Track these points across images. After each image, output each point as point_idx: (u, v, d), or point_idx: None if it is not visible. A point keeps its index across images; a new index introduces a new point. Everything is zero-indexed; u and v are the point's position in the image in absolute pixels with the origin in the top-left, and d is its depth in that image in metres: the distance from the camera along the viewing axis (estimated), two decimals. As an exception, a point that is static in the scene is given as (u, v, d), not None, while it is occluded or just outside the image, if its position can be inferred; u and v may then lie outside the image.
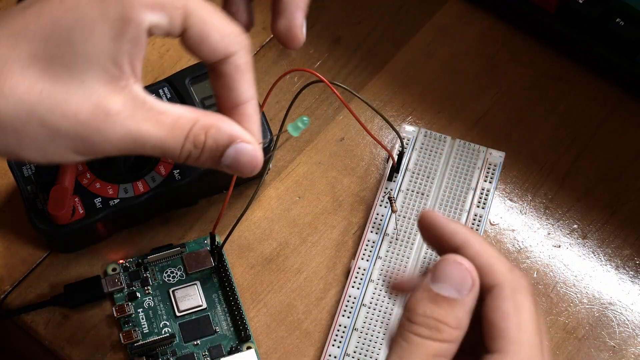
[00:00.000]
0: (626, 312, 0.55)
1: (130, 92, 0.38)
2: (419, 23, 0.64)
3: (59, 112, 0.37)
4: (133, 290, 0.54)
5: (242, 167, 0.41)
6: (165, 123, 0.39)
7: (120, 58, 0.38)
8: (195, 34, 0.39)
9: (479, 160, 0.58)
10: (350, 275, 0.54)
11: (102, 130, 0.38)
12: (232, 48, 0.40)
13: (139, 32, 0.38)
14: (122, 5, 0.37)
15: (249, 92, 0.42)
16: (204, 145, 0.40)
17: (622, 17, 0.59)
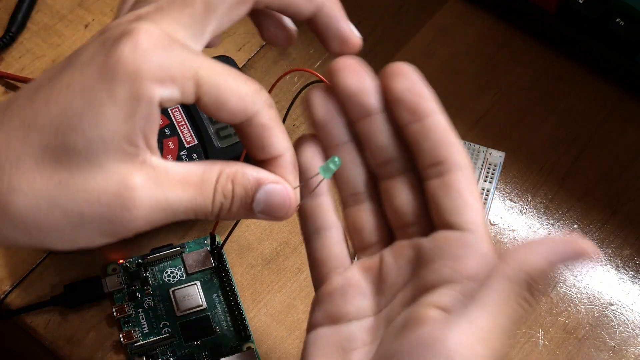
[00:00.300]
0: (626, 312, 0.55)
1: (150, 164, 0.37)
2: (419, 23, 0.64)
3: (80, 199, 0.36)
4: (133, 290, 0.54)
5: (275, 209, 0.40)
6: (191, 183, 0.38)
7: (135, 136, 0.37)
8: (211, 101, 0.38)
9: (479, 160, 0.58)
10: (350, 275, 0.54)
11: (129, 208, 0.37)
12: (252, 109, 0.39)
13: (151, 108, 0.37)
14: (131, 83, 0.36)
15: (281, 145, 0.41)
16: (233, 193, 0.39)
17: (622, 17, 0.59)
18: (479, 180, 0.57)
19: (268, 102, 0.40)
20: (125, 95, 0.36)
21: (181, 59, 0.37)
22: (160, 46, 0.37)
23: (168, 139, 0.55)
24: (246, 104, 0.39)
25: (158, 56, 0.36)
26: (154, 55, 0.36)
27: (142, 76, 0.36)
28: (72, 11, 0.65)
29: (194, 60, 0.37)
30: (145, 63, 0.36)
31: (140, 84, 0.36)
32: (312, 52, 0.63)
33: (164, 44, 0.37)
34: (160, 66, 0.36)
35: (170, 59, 0.37)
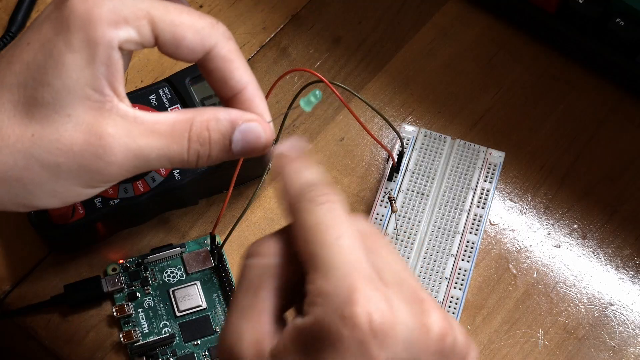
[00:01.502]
0: (626, 312, 0.55)
1: (118, 112, 0.38)
2: (419, 23, 0.64)
3: (54, 149, 0.37)
4: (133, 290, 0.54)
5: (253, 146, 0.40)
6: (162, 131, 0.39)
7: (99, 83, 0.37)
8: (169, 39, 0.39)
9: (479, 160, 0.58)
10: (350, 275, 0.54)
11: (102, 156, 0.38)
12: (210, 42, 0.40)
13: (110, 52, 0.37)
14: (85, 30, 0.37)
15: (243, 78, 0.41)
16: (209, 140, 0.40)
17: (622, 17, 0.59)
18: (479, 180, 0.57)
19: (226, 34, 0.40)
20: (81, 42, 0.37)
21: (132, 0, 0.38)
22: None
23: (168, 139, 0.55)
24: (203, 37, 0.39)
25: (108, 1, 0.37)
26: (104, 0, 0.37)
27: (95, 21, 0.37)
28: (72, 11, 0.65)
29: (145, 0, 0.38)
30: (96, 9, 0.37)
31: (95, 29, 0.37)
32: (312, 52, 0.63)
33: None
34: (111, 10, 0.37)
35: (121, 2, 0.37)
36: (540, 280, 0.55)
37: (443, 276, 0.54)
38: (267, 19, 0.64)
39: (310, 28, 0.64)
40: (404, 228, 0.56)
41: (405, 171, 0.57)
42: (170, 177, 0.54)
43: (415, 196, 0.57)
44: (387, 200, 0.56)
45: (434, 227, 0.56)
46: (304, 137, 0.60)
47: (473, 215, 0.56)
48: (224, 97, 0.41)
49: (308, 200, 0.36)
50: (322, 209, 0.36)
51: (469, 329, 0.54)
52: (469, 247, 0.55)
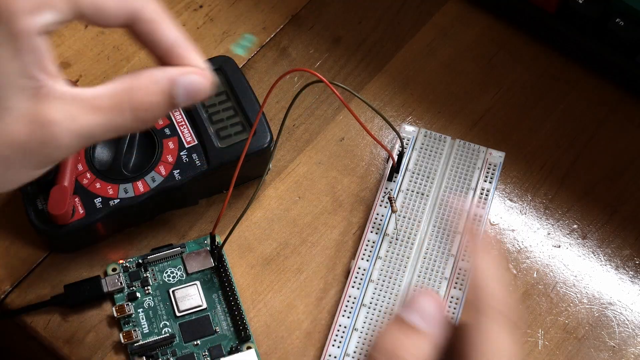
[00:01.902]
0: (626, 312, 0.55)
1: (56, 93, 0.38)
2: (419, 23, 0.64)
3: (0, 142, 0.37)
4: (133, 290, 0.54)
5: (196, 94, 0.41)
6: (103, 106, 0.39)
7: (29, 70, 0.37)
8: (91, 11, 0.38)
9: (479, 160, 0.58)
10: (350, 275, 0.54)
11: (48, 142, 0.38)
12: (133, 6, 0.39)
13: (33, 39, 0.37)
14: (5, 23, 0.36)
15: (171, 35, 0.41)
16: (151, 103, 0.40)
17: (622, 17, 0.59)
18: (478, 180, 0.57)
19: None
20: (4, 36, 0.36)
21: None
22: None
23: (168, 139, 0.55)
24: (125, 3, 0.39)
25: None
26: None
27: (14, 13, 0.36)
28: (72, 11, 0.65)
29: None
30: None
31: (15, 21, 0.36)
32: (312, 52, 0.63)
33: None
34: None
35: None
36: (540, 280, 0.55)
37: (443, 276, 0.54)
38: (267, 19, 0.64)
39: (310, 28, 0.64)
40: (404, 228, 0.56)
41: (405, 171, 0.57)
42: (170, 177, 0.54)
43: (415, 196, 0.57)
44: (387, 200, 0.56)
45: (433, 227, 0.56)
46: (305, 137, 0.60)
47: (473, 216, 0.56)
48: (157, 56, 0.41)
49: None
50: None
51: (469, 329, 0.54)
52: (469, 247, 0.55)
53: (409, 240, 0.55)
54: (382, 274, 0.54)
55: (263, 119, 0.56)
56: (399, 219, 0.56)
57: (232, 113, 0.56)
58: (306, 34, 0.64)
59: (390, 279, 0.54)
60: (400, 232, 0.55)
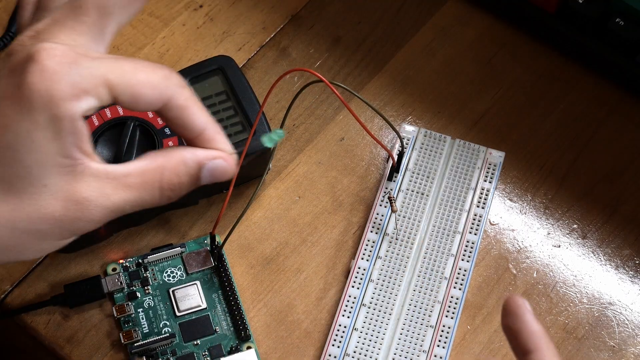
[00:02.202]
0: (626, 312, 0.55)
1: (90, 172, 0.40)
2: (419, 23, 0.64)
3: (35, 218, 0.39)
4: (133, 290, 0.54)
5: (219, 177, 0.43)
6: (134, 184, 0.41)
7: (68, 150, 0.39)
8: (127, 99, 0.40)
9: (478, 160, 0.58)
10: (350, 275, 0.54)
11: (81, 218, 0.40)
12: (166, 94, 0.41)
13: (74, 122, 0.38)
14: (49, 108, 0.38)
15: (201, 120, 0.43)
16: (179, 184, 0.42)
17: (622, 17, 0.59)
18: (478, 180, 0.57)
19: (180, 84, 0.41)
20: (46, 119, 0.38)
21: (88, 70, 0.39)
22: (66, 63, 0.38)
23: (168, 138, 0.55)
24: (160, 92, 0.40)
25: (66, 74, 0.38)
26: (61, 75, 0.38)
27: (56, 98, 0.38)
28: (72, 11, 0.65)
29: (101, 66, 0.39)
30: (55, 85, 0.38)
31: (57, 106, 0.38)
32: (312, 52, 0.63)
33: (68, 60, 0.38)
34: (70, 84, 0.38)
35: (78, 74, 0.38)
36: (540, 280, 0.55)
37: (443, 276, 0.54)
38: (267, 19, 0.64)
39: (310, 28, 0.64)
40: (404, 228, 0.56)
41: (405, 171, 0.57)
42: (170, 177, 0.54)
43: (415, 196, 0.57)
44: (387, 200, 0.56)
45: (433, 227, 0.56)
46: (304, 136, 0.60)
47: (473, 215, 0.56)
48: (186, 138, 0.43)
49: None
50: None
51: (469, 329, 0.54)
52: (468, 247, 0.55)
53: (409, 240, 0.55)
54: (382, 274, 0.54)
55: (263, 119, 0.56)
56: (399, 219, 0.56)
57: (232, 113, 0.56)
58: (306, 34, 0.64)
59: (390, 278, 0.54)
60: (400, 232, 0.55)
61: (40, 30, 0.40)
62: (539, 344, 0.40)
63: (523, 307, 0.41)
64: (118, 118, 0.54)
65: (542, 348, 0.40)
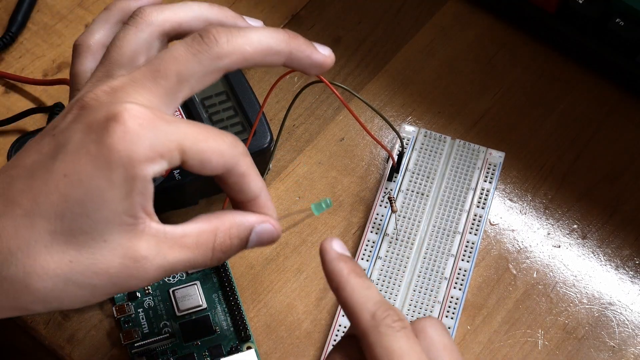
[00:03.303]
0: (626, 312, 0.55)
1: (150, 231, 0.40)
2: (419, 23, 0.64)
3: (91, 273, 0.39)
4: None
5: (266, 243, 0.44)
6: (189, 244, 0.42)
7: (135, 210, 0.39)
8: (196, 164, 0.41)
9: (478, 161, 0.58)
10: (350, 275, 0.54)
11: (135, 276, 0.40)
12: (231, 162, 0.42)
13: (146, 184, 0.39)
14: (125, 168, 0.38)
15: (257, 188, 0.44)
16: (230, 247, 0.43)
17: (622, 17, 0.59)
18: (478, 180, 0.57)
19: (244, 152, 0.43)
20: (121, 179, 0.39)
21: (166, 135, 0.39)
22: (147, 126, 0.39)
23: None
24: (226, 160, 0.42)
25: (146, 138, 0.39)
26: (142, 138, 0.39)
27: (135, 160, 0.38)
28: (72, 11, 0.65)
29: (177, 132, 0.40)
30: (135, 146, 0.38)
31: (134, 168, 0.39)
32: (312, 52, 0.63)
33: (149, 124, 0.39)
34: (149, 147, 0.39)
35: (157, 138, 0.39)
36: (540, 280, 0.55)
37: (443, 276, 0.54)
38: (267, 19, 0.64)
39: (310, 28, 0.64)
40: (404, 228, 0.56)
41: (405, 171, 0.57)
42: (170, 177, 0.54)
43: (415, 196, 0.57)
44: (387, 201, 0.56)
45: (433, 227, 0.56)
46: (305, 137, 0.60)
47: (473, 216, 0.56)
48: (238, 201, 0.44)
49: (387, 325, 0.39)
50: (401, 337, 0.39)
51: (469, 329, 0.54)
52: (468, 247, 0.55)
53: (409, 240, 0.55)
54: (382, 274, 0.54)
55: (263, 119, 0.56)
56: (399, 219, 0.56)
57: (232, 113, 0.56)
58: (306, 34, 0.64)
59: (390, 279, 0.54)
60: (400, 232, 0.55)
61: (117, 88, 0.41)
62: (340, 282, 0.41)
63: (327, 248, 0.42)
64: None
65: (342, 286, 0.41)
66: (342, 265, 0.42)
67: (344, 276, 0.41)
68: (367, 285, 0.41)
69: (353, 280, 0.41)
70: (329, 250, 0.42)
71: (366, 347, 0.39)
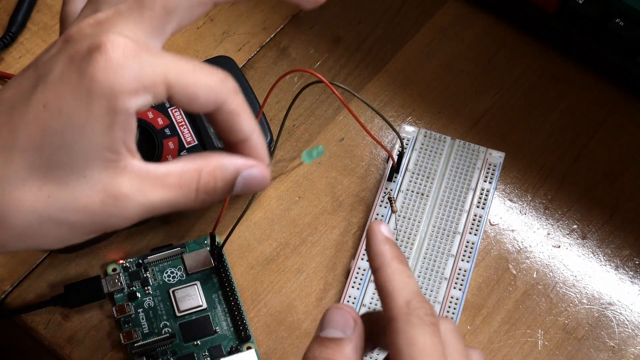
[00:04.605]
0: (626, 312, 0.55)
1: (132, 169, 0.39)
2: (419, 23, 0.64)
3: (69, 209, 0.38)
4: (133, 290, 0.54)
5: (253, 188, 0.43)
6: (172, 184, 0.40)
7: (116, 145, 0.38)
8: (182, 98, 0.40)
9: (478, 161, 0.58)
10: (350, 275, 0.54)
11: (115, 214, 0.39)
12: (220, 98, 0.41)
13: (128, 117, 0.38)
14: (107, 99, 0.37)
15: (248, 128, 0.43)
16: (215, 189, 0.42)
17: (622, 17, 0.59)
18: (478, 180, 0.57)
19: (234, 89, 0.41)
20: (102, 111, 0.37)
21: (150, 66, 0.38)
22: (130, 57, 0.38)
23: (168, 139, 0.55)
24: (215, 95, 0.40)
25: (129, 69, 0.38)
26: (125, 68, 0.38)
27: (117, 91, 0.37)
28: (72, 11, 0.65)
29: (162, 64, 0.39)
30: (118, 78, 0.37)
31: (116, 99, 0.37)
32: (312, 52, 0.63)
33: (133, 55, 0.38)
34: (133, 78, 0.38)
35: (141, 70, 0.38)
36: (539, 280, 0.55)
37: (443, 276, 0.54)
38: (267, 19, 0.64)
39: (310, 28, 0.64)
40: (404, 228, 0.56)
41: (405, 171, 0.57)
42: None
43: (415, 196, 0.57)
44: (387, 201, 0.56)
45: (433, 227, 0.56)
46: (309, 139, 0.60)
47: (473, 216, 0.56)
48: (228, 143, 0.43)
49: (418, 316, 0.38)
50: (428, 332, 0.38)
51: (469, 329, 0.54)
52: (468, 247, 0.55)
53: (409, 240, 0.55)
54: (382, 274, 0.54)
55: (263, 119, 0.56)
56: (399, 219, 0.56)
57: (232, 113, 0.56)
58: (306, 34, 0.64)
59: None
60: (400, 232, 0.55)
61: (102, 21, 0.39)
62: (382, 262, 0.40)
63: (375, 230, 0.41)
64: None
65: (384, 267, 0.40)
66: (387, 248, 0.41)
67: (387, 258, 0.40)
68: (408, 274, 0.40)
69: (395, 265, 0.40)
70: (377, 232, 0.41)
71: (391, 333, 0.38)
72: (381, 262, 0.40)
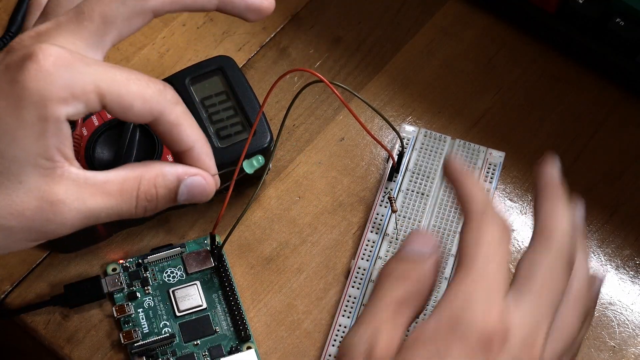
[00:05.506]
0: (626, 312, 0.55)
1: (69, 176, 0.40)
2: (419, 23, 0.64)
3: (6, 213, 0.39)
4: (133, 290, 0.54)
5: (197, 196, 0.44)
6: (112, 191, 0.41)
7: (49, 152, 0.39)
8: (116, 108, 0.40)
9: (479, 160, 0.58)
10: (350, 275, 0.54)
11: (53, 220, 0.40)
12: (157, 109, 0.41)
13: (59, 125, 0.39)
14: (37, 107, 0.38)
15: (190, 139, 0.43)
16: (156, 195, 0.42)
17: (622, 17, 0.59)
18: (479, 180, 0.57)
19: (173, 100, 0.42)
20: (33, 118, 0.38)
21: (82, 75, 0.39)
22: (61, 65, 0.38)
23: (168, 139, 0.55)
24: (151, 106, 0.41)
25: (60, 77, 0.38)
26: (55, 76, 0.38)
27: (47, 99, 0.38)
28: (72, 11, 0.65)
29: (94, 73, 0.39)
30: (47, 85, 0.38)
31: (46, 107, 0.38)
32: (312, 52, 0.63)
33: (64, 63, 0.39)
34: (62, 86, 0.38)
35: (72, 79, 0.39)
36: (540, 280, 0.55)
37: (443, 276, 0.54)
38: (267, 19, 0.64)
39: (310, 28, 0.64)
40: (404, 228, 0.56)
41: (405, 171, 0.57)
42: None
43: (415, 196, 0.57)
44: (387, 200, 0.56)
45: (433, 227, 0.56)
46: (306, 135, 0.60)
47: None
48: (173, 152, 0.44)
49: (492, 215, 0.40)
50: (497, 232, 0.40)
51: (469, 329, 0.54)
52: (469, 247, 0.55)
53: (409, 240, 0.55)
54: (382, 274, 0.54)
55: (263, 119, 0.56)
56: (399, 219, 0.56)
57: (232, 113, 0.56)
58: (306, 34, 0.64)
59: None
60: (400, 232, 0.55)
61: (42, 32, 0.40)
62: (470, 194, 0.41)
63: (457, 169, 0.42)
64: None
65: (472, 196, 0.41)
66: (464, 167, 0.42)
67: (465, 173, 0.42)
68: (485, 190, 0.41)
69: (474, 179, 0.42)
70: (453, 158, 0.43)
71: (464, 229, 0.40)
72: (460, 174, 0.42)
